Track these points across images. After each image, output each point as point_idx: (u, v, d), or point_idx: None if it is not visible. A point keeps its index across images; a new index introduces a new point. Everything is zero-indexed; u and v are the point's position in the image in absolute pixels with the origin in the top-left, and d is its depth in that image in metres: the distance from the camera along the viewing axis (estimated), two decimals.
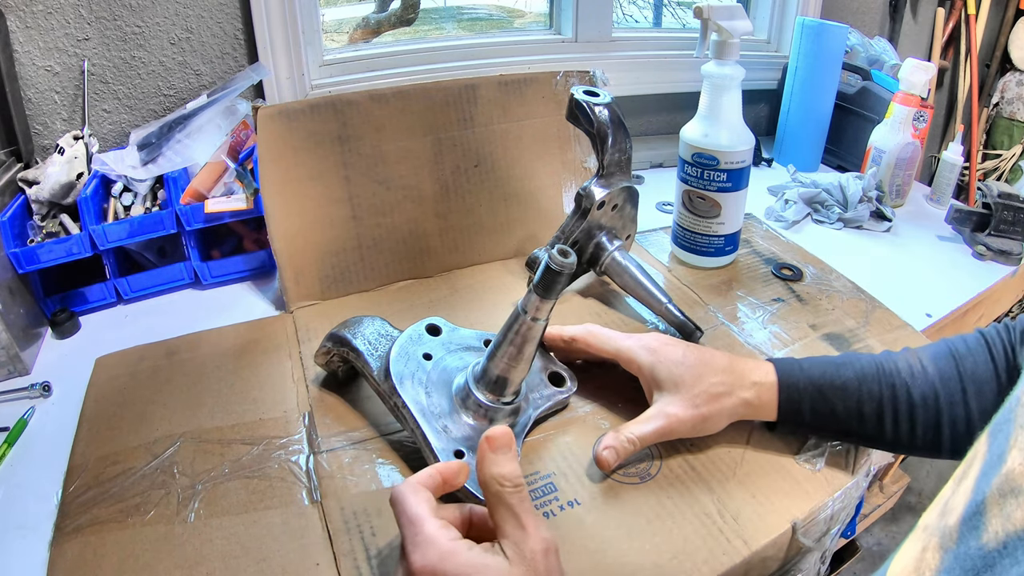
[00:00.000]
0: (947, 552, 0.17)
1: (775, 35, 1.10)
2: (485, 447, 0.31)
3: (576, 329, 0.49)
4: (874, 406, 0.41)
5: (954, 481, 0.20)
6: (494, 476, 0.30)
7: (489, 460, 0.31)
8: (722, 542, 0.39)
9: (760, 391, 0.43)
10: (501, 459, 0.31)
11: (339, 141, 0.60)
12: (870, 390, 0.41)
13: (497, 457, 0.31)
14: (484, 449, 0.31)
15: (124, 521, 0.39)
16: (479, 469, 0.31)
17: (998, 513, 0.16)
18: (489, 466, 0.31)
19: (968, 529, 0.17)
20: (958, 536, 0.17)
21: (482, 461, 0.31)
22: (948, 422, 0.40)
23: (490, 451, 0.31)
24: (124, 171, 0.64)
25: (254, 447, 0.45)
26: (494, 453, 0.31)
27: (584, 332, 0.48)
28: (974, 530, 0.16)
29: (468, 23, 1.07)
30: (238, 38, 0.75)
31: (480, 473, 0.31)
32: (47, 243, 0.57)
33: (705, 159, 0.62)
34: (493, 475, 0.30)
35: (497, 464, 0.31)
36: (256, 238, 0.69)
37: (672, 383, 0.43)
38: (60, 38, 0.67)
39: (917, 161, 0.85)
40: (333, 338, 0.47)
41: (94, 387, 0.51)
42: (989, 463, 0.18)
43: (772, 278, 0.67)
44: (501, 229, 0.68)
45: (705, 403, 0.42)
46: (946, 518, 0.18)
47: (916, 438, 0.40)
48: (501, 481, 0.30)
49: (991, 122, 1.55)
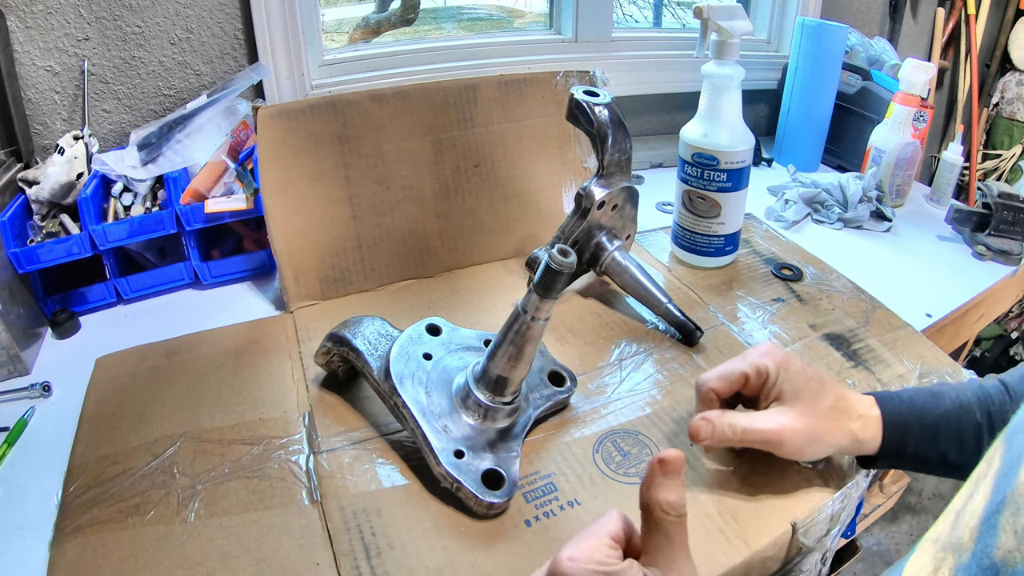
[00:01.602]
0: (960, 560, 0.17)
1: (775, 35, 1.10)
2: (656, 469, 0.29)
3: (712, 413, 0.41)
4: (974, 434, 0.39)
5: (967, 489, 0.19)
6: (659, 502, 0.29)
7: (659, 484, 0.29)
8: (722, 542, 0.39)
9: (865, 424, 0.40)
10: (671, 484, 0.29)
11: (339, 141, 0.60)
12: (969, 419, 0.40)
13: (667, 481, 0.29)
14: (655, 471, 0.29)
15: (124, 521, 0.39)
16: (645, 489, 0.29)
17: (1013, 519, 0.16)
18: (658, 490, 0.29)
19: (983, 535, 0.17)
20: (973, 544, 0.17)
21: (651, 483, 0.29)
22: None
23: (661, 474, 0.29)
24: (124, 171, 0.64)
25: (254, 447, 0.45)
26: (665, 477, 0.29)
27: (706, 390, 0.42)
28: (989, 537, 0.16)
29: (468, 23, 1.07)
30: (238, 38, 0.75)
31: (646, 495, 0.29)
32: (47, 243, 0.57)
33: (705, 159, 0.62)
34: (659, 501, 0.29)
35: (666, 489, 0.29)
36: (256, 238, 0.69)
37: (793, 393, 0.40)
38: (60, 38, 0.67)
39: (917, 161, 0.85)
40: (333, 338, 0.47)
41: (94, 387, 0.51)
42: (1004, 470, 0.17)
43: (772, 278, 0.67)
44: (501, 229, 0.68)
45: (820, 423, 0.40)
46: (959, 526, 0.18)
47: None
48: (666, 508, 0.28)
49: (991, 122, 1.55)
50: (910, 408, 0.41)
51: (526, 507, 0.41)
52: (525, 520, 0.40)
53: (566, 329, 0.58)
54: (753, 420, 0.40)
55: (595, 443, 0.46)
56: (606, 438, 0.47)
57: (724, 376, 0.42)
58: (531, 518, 0.40)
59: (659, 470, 0.29)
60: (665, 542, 0.29)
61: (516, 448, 0.43)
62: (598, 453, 0.45)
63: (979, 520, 0.17)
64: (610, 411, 0.49)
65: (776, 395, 0.41)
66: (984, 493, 0.18)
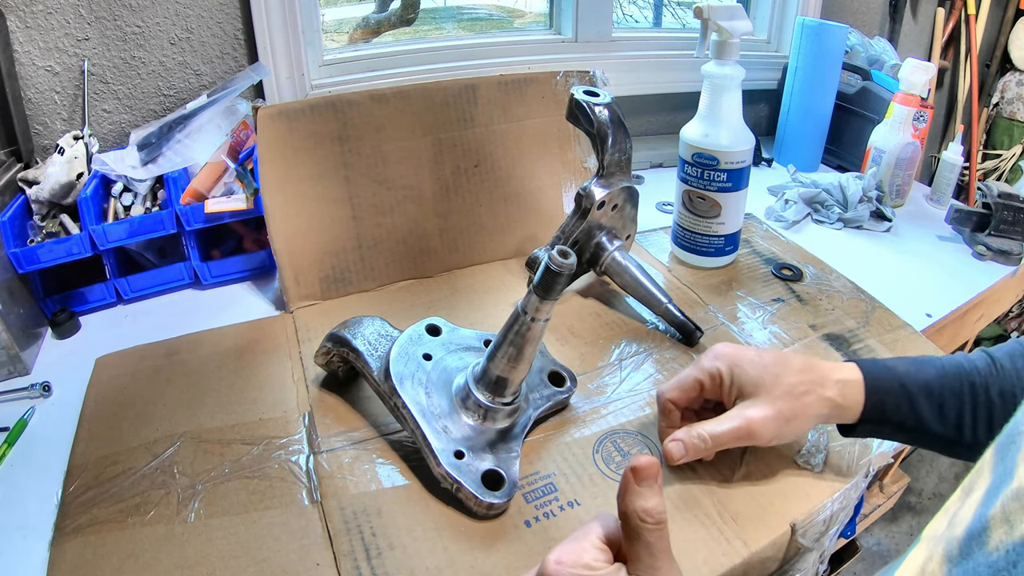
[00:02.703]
0: (953, 564, 0.17)
1: (775, 35, 1.10)
2: (630, 477, 0.29)
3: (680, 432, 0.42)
4: (955, 404, 0.39)
5: (962, 492, 0.19)
6: (636, 510, 0.28)
7: (634, 492, 0.28)
8: (721, 543, 0.39)
9: (845, 389, 0.40)
10: (647, 492, 0.28)
11: (339, 141, 0.60)
12: (952, 388, 0.39)
13: (642, 489, 0.28)
14: (629, 480, 0.29)
15: (124, 521, 0.39)
16: (621, 500, 0.29)
17: (1003, 527, 0.16)
18: (634, 498, 0.28)
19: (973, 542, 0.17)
20: (963, 549, 0.17)
21: (626, 492, 0.29)
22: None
23: (635, 482, 0.29)
24: (124, 171, 0.64)
25: (254, 447, 0.45)
26: (639, 485, 0.29)
27: (664, 402, 0.44)
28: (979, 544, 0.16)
29: (468, 23, 1.07)
30: (238, 38, 0.75)
31: (622, 504, 0.29)
32: (47, 243, 0.57)
33: (705, 159, 0.62)
34: (636, 509, 0.28)
35: (642, 497, 0.28)
36: (256, 238, 0.69)
37: (752, 385, 0.40)
38: (60, 38, 0.67)
39: (917, 161, 0.85)
40: (333, 338, 0.47)
41: (94, 387, 0.51)
42: (997, 479, 0.17)
43: (772, 278, 0.67)
44: (501, 229, 0.68)
45: (787, 403, 0.39)
46: (953, 529, 0.18)
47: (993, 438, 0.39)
48: (643, 516, 0.28)
49: (991, 122, 1.55)
50: (893, 375, 0.40)
51: (526, 507, 0.41)
52: (525, 521, 0.40)
53: (566, 329, 0.58)
54: (720, 424, 0.40)
55: (595, 443, 0.46)
56: (606, 438, 0.46)
57: (679, 386, 0.43)
58: (531, 519, 0.40)
59: (632, 479, 0.29)
60: (645, 551, 0.28)
61: (516, 448, 0.43)
62: (598, 453, 0.45)
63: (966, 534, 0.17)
64: (610, 411, 0.49)
65: (737, 393, 0.41)
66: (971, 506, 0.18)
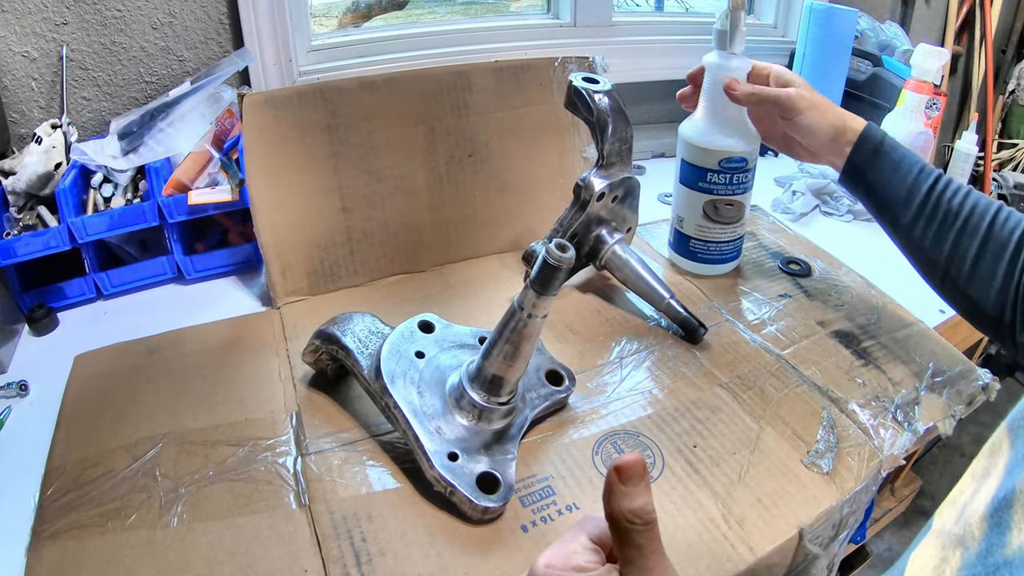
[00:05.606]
0: (968, 552, 0.17)
1: (782, 20, 1.09)
2: (614, 478, 0.28)
3: None
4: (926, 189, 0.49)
5: (973, 479, 0.19)
6: (624, 512, 0.28)
7: (620, 493, 0.28)
8: (726, 548, 0.39)
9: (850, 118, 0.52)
10: (632, 491, 0.28)
11: (328, 130, 0.59)
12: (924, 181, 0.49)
13: (628, 490, 0.28)
14: (613, 480, 0.28)
15: (104, 526, 0.39)
16: (607, 502, 0.28)
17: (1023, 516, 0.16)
18: (620, 500, 0.28)
19: (992, 527, 0.17)
20: (981, 535, 0.17)
21: (611, 493, 0.28)
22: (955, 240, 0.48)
23: (620, 483, 0.28)
24: (104, 161, 0.63)
25: (239, 449, 0.44)
26: (625, 485, 0.28)
27: None
28: (999, 529, 0.16)
29: (462, 7, 1.07)
30: (223, 23, 0.74)
31: (608, 507, 0.28)
32: (24, 236, 0.57)
33: (735, 163, 0.60)
34: (623, 511, 0.28)
35: (628, 497, 0.28)
36: (242, 231, 0.68)
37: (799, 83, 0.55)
38: (37, 22, 0.65)
39: (930, 151, 0.84)
40: (322, 335, 0.47)
41: (73, 386, 0.51)
42: (1014, 461, 0.18)
43: (779, 273, 0.66)
44: (497, 222, 0.67)
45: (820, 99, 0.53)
46: (966, 517, 0.18)
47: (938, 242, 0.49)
48: (631, 517, 0.27)
49: (1007, 110, 1.52)
50: (892, 141, 0.51)
51: (523, 511, 0.41)
52: (522, 525, 0.40)
53: (564, 326, 0.57)
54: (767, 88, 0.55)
55: (594, 444, 0.45)
56: (606, 439, 0.46)
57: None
58: (528, 523, 0.40)
59: (616, 479, 0.28)
60: (636, 553, 0.28)
61: (512, 450, 0.43)
62: (597, 455, 0.45)
63: (985, 515, 0.17)
64: (610, 411, 0.48)
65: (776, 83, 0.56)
66: (991, 487, 0.18)
